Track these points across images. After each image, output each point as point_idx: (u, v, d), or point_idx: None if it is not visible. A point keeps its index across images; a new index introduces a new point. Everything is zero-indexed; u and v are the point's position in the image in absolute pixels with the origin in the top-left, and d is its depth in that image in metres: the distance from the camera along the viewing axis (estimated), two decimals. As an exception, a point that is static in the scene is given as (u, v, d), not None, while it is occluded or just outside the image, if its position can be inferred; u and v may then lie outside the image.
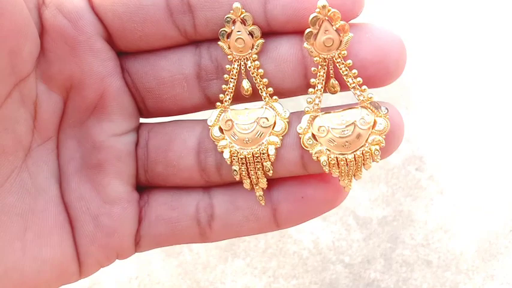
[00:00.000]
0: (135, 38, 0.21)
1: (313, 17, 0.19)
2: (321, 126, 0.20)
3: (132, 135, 0.22)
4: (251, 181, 0.21)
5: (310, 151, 0.20)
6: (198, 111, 0.22)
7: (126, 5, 0.20)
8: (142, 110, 0.22)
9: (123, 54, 0.22)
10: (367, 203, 0.54)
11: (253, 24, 0.20)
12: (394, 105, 0.20)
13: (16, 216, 0.20)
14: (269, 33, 0.20)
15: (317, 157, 0.20)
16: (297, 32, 0.20)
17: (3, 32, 0.18)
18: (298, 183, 0.21)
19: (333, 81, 0.20)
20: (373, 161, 0.20)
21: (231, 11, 0.20)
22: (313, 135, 0.20)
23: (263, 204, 0.21)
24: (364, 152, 0.20)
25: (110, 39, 0.21)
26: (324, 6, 0.19)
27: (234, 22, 0.20)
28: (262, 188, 0.21)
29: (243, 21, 0.20)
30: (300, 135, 0.20)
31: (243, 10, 0.19)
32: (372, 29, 0.19)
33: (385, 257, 0.51)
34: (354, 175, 0.20)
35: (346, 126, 0.20)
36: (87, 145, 0.21)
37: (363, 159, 0.20)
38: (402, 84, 0.63)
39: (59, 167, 0.22)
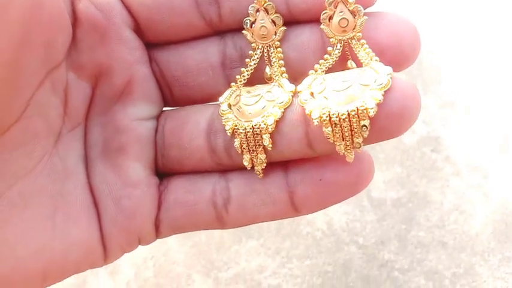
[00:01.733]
0: (163, 28, 0.22)
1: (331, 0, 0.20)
2: (321, 83, 0.20)
3: (153, 122, 0.23)
4: (251, 157, 0.21)
5: (304, 106, 0.19)
6: (206, 110, 0.23)
7: None
8: (168, 98, 0.23)
9: (151, 46, 0.23)
10: (382, 185, 0.54)
11: (275, 12, 0.21)
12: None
13: (47, 197, 0.21)
14: (291, 21, 0.21)
15: (310, 112, 0.19)
16: (318, 20, 0.21)
17: (42, 24, 0.19)
18: (316, 166, 0.21)
19: (350, 62, 0.20)
20: (368, 118, 0.18)
21: (255, 1, 0.21)
22: (312, 94, 0.20)
23: (261, 177, 0.21)
24: (358, 107, 0.18)
25: (138, 29, 0.22)
26: None
27: (257, 11, 0.21)
28: (262, 164, 0.21)
29: (266, 10, 0.21)
30: (298, 94, 0.20)
31: (266, 0, 0.21)
32: (387, 16, 0.20)
33: (400, 238, 0.51)
34: (352, 142, 0.19)
35: (345, 81, 0.19)
36: (110, 129, 0.22)
37: (358, 116, 0.18)
38: (418, 65, 0.62)
39: (85, 151, 0.23)
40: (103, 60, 0.22)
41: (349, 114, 0.18)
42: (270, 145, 0.20)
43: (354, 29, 0.20)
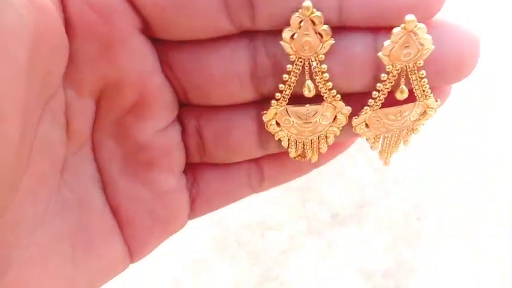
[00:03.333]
0: (179, 31, 0.18)
1: (398, 32, 0.17)
2: (375, 117, 0.20)
3: (176, 126, 0.21)
4: (300, 154, 0.22)
5: (361, 134, 0.21)
6: (248, 107, 0.20)
7: None
8: (183, 101, 0.20)
9: (163, 43, 0.19)
10: (371, 254, 0.54)
11: (324, 23, 0.18)
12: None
13: (63, 238, 0.19)
14: (339, 28, 0.18)
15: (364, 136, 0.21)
16: (372, 29, 0.18)
17: (43, 58, 0.16)
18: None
19: (400, 89, 0.19)
20: (413, 133, 0.21)
21: (299, 10, 0.17)
22: (367, 125, 0.20)
23: (315, 160, 0.22)
24: (407, 128, 0.21)
25: (147, 29, 0.18)
26: (412, 21, 0.17)
27: (301, 22, 0.17)
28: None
29: (313, 21, 0.17)
30: (352, 124, 0.20)
31: (314, 10, 0.17)
32: (452, 29, 0.18)
33: (391, 311, 0.51)
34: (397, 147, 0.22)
35: (399, 117, 0.20)
36: (129, 144, 0.20)
37: (406, 133, 0.21)
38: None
39: (99, 169, 0.20)
40: (107, 72, 0.18)
41: (399, 134, 0.21)
42: (325, 150, 0.22)
43: (416, 56, 0.18)
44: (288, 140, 0.21)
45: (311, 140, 0.21)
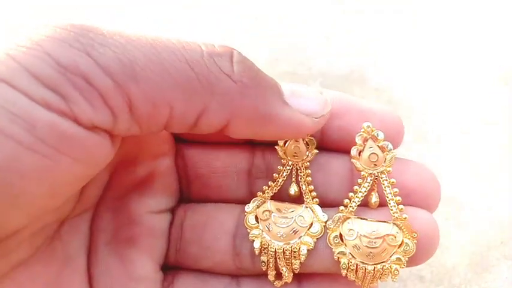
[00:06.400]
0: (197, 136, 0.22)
1: (359, 135, 0.21)
2: (351, 229, 0.20)
3: (168, 215, 0.22)
4: (276, 273, 0.21)
5: (333, 249, 0.21)
6: (233, 207, 0.22)
7: None
8: (184, 194, 0.23)
9: (182, 141, 0.22)
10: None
11: (310, 135, 0.21)
12: (434, 217, 0.21)
13: (42, 285, 0.20)
14: (322, 148, 0.22)
15: (338, 257, 0.20)
16: (349, 152, 0.21)
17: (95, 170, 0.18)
18: (328, 279, 0.22)
19: (374, 194, 0.21)
20: (391, 278, 0.20)
21: None
22: (341, 236, 0.21)
23: (278, 286, 0.21)
24: (384, 267, 0.20)
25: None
26: (368, 126, 0.20)
27: None
28: (287, 282, 0.21)
29: None
30: (327, 231, 0.21)
31: None
32: (414, 164, 0.21)
33: (378, 273, 0.52)
34: (370, 284, 0.21)
35: (376, 238, 0.20)
36: (122, 218, 0.21)
37: (381, 274, 0.20)
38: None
39: (90, 236, 0.22)
40: (130, 149, 0.21)
41: (375, 270, 0.20)
42: (298, 270, 0.21)
43: (383, 162, 0.21)
44: (261, 243, 0.21)
45: (283, 250, 0.21)
